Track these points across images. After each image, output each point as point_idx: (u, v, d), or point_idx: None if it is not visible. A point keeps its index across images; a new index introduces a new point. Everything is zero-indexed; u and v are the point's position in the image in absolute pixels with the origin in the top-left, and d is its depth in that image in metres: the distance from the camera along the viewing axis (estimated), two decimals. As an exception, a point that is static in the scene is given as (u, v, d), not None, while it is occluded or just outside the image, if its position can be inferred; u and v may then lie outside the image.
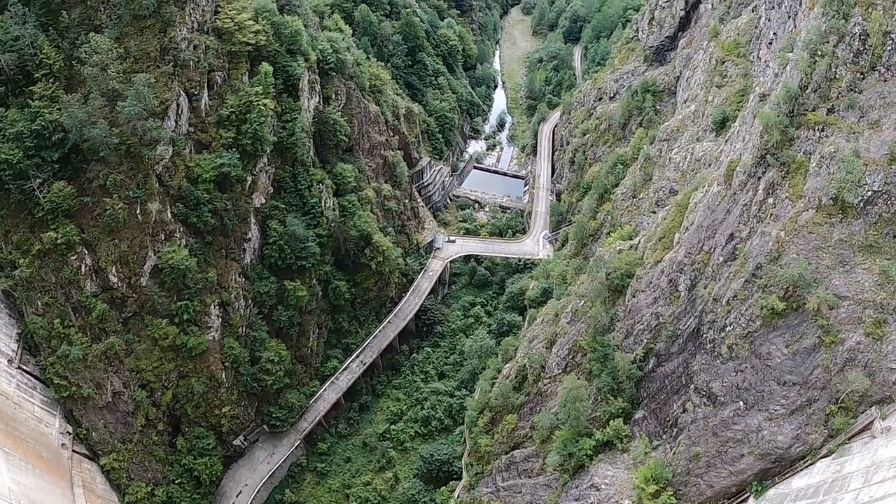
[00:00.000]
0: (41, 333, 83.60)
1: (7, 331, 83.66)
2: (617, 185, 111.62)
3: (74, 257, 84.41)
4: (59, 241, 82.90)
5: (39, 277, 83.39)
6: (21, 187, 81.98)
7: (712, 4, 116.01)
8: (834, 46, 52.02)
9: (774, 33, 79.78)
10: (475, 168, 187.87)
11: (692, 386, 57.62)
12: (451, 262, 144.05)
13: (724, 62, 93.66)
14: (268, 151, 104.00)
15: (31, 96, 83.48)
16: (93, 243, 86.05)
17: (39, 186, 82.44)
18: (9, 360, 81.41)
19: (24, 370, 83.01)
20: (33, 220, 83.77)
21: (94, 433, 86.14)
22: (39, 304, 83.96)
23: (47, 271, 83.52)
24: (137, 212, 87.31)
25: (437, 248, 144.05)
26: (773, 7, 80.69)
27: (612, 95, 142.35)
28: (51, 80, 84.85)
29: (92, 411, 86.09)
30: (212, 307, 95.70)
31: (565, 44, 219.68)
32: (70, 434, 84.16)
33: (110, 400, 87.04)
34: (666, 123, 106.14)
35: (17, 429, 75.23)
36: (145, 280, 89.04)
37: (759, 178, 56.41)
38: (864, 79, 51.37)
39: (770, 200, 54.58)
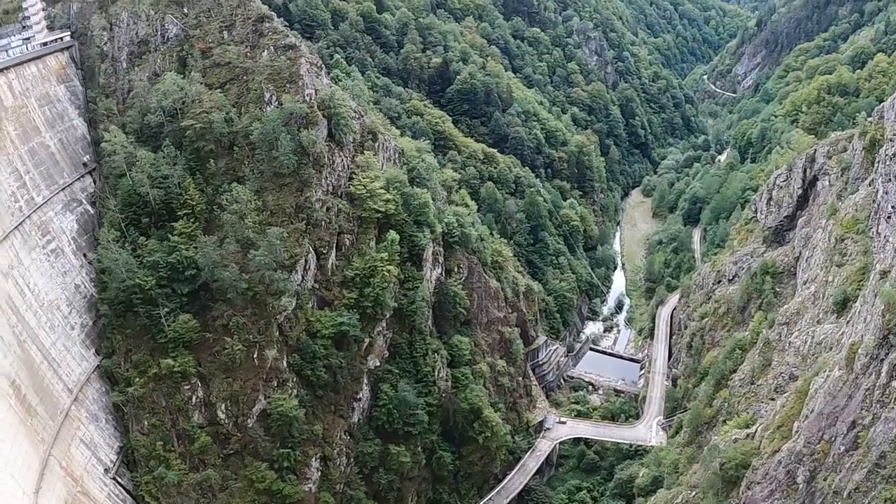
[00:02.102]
0: (142, 451, 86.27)
1: (110, 442, 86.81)
2: (735, 371, 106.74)
3: (188, 387, 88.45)
4: (175, 370, 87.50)
5: (151, 399, 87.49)
6: (150, 312, 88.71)
7: (829, 181, 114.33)
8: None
9: (893, 207, 77.56)
10: (591, 349, 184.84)
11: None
12: (559, 443, 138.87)
13: (843, 240, 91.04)
14: (387, 316, 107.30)
15: (172, 231, 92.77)
16: (207, 377, 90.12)
17: (166, 315, 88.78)
18: (105, 469, 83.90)
19: (118, 482, 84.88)
20: (155, 345, 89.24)
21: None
22: (146, 423, 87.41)
23: (159, 395, 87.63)
24: (255, 356, 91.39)
25: (547, 429, 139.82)
26: (891, 180, 79.02)
27: (730, 278, 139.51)
28: (191, 220, 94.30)
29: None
30: (313, 459, 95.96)
31: (685, 226, 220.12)
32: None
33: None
34: (786, 306, 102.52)
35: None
36: (252, 422, 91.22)
37: (882, 361, 53.26)
38: None
39: (894, 384, 51.26)
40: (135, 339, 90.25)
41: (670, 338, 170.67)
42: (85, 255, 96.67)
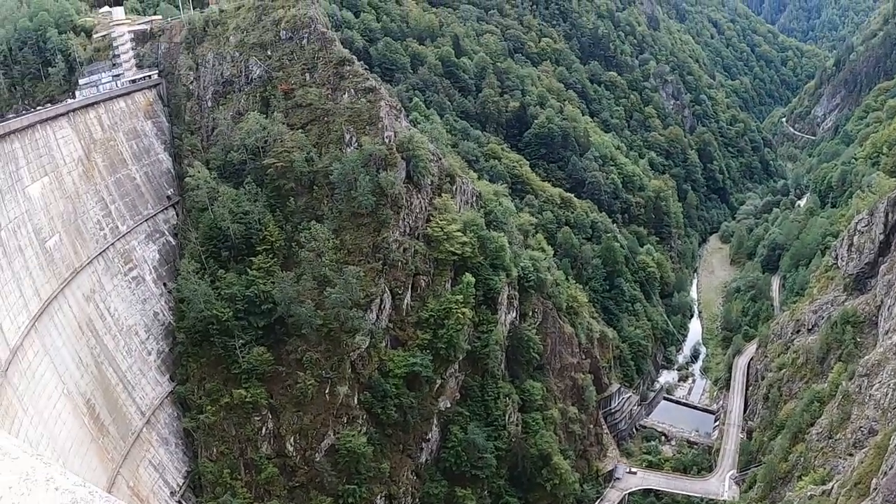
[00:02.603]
0: (209, 477, 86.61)
1: (178, 466, 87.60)
2: (812, 424, 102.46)
3: (258, 418, 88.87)
4: (247, 400, 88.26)
5: (221, 427, 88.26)
6: (225, 343, 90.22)
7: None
8: None
9: None
10: (665, 399, 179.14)
11: None
12: (629, 493, 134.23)
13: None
14: (460, 358, 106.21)
15: (251, 266, 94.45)
16: (278, 410, 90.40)
17: (241, 347, 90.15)
18: (171, 493, 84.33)
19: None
20: (228, 375, 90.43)
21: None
22: (215, 450, 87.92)
23: (230, 424, 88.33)
24: (326, 391, 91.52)
25: (617, 479, 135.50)
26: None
27: (810, 327, 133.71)
28: (270, 256, 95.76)
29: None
30: (378, 497, 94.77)
31: (763, 273, 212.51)
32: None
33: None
34: (866, 357, 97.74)
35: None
36: (319, 456, 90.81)
37: None
38: None
39: None
40: (209, 367, 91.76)
41: (746, 389, 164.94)
42: (165, 285, 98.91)
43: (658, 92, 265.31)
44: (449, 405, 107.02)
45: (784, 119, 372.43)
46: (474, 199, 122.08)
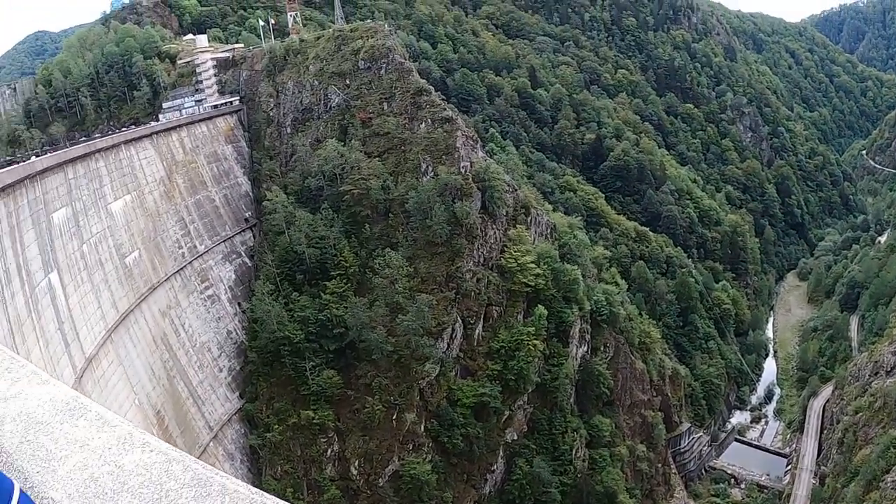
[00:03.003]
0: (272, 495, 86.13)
1: (242, 481, 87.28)
2: (888, 472, 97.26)
3: (324, 440, 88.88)
4: (314, 421, 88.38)
5: (287, 447, 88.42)
6: (296, 364, 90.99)
7: None
8: None
9: None
10: (736, 440, 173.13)
11: None
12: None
13: None
14: (529, 390, 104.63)
15: (324, 290, 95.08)
16: (344, 433, 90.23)
17: (311, 369, 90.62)
18: None
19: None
20: (297, 396, 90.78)
21: None
22: (279, 469, 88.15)
23: (296, 444, 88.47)
24: (393, 417, 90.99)
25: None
26: None
27: (889, 369, 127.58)
28: (344, 281, 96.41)
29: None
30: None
31: (842, 312, 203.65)
32: None
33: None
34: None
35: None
36: (383, 481, 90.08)
37: None
38: None
39: None
40: (279, 387, 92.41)
41: (821, 432, 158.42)
42: (239, 304, 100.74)
43: (735, 124, 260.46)
44: (516, 437, 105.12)
45: (864, 151, 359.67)
46: (549, 231, 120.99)
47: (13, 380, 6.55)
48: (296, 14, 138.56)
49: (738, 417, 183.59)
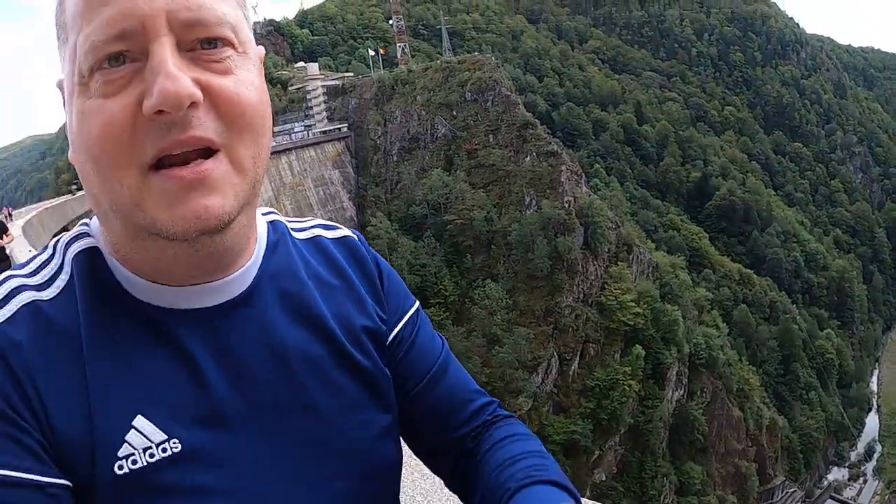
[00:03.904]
0: None
1: None
2: None
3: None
4: None
5: None
6: None
7: None
8: None
9: None
10: (832, 498, 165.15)
11: None
12: None
13: None
14: (621, 431, 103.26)
15: None
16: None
17: None
18: None
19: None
20: None
21: None
22: None
23: None
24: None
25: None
26: None
27: None
28: (443, 309, 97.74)
29: None
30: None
31: None
32: None
33: None
34: None
35: None
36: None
37: None
38: None
39: None
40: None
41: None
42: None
43: (845, 164, 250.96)
44: (604, 478, 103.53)
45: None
46: (650, 269, 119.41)
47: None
48: (404, 45, 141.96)
49: (836, 474, 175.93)
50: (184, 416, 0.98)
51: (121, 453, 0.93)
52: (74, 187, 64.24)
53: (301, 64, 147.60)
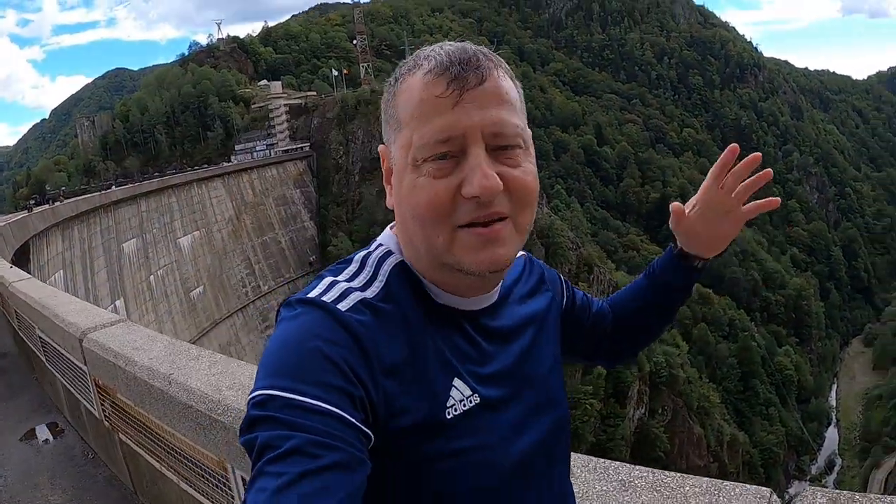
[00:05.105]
0: None
1: None
2: None
3: None
4: None
5: None
6: None
7: None
8: None
9: None
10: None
11: None
12: None
13: None
14: (584, 450, 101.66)
15: None
16: None
17: None
18: None
19: None
20: None
21: None
22: None
23: None
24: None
25: None
26: None
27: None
28: None
29: None
30: None
31: None
32: None
33: None
34: None
35: None
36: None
37: None
38: None
39: None
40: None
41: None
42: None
43: (801, 185, 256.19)
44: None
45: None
46: (611, 289, 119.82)
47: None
48: (368, 65, 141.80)
49: (797, 487, 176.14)
50: (477, 378, 1.46)
51: (448, 404, 1.38)
52: (33, 202, 63.09)
53: (264, 82, 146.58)
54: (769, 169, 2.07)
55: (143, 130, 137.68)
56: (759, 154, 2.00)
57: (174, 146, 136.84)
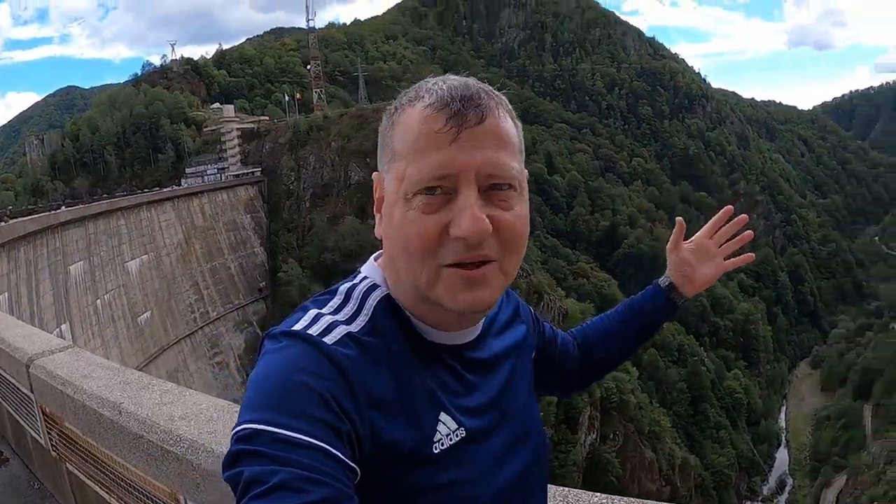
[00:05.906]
0: None
1: None
2: None
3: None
4: None
5: None
6: None
7: None
8: None
9: None
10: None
11: None
12: None
13: None
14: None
15: None
16: None
17: None
18: None
19: None
20: None
21: None
22: None
23: None
24: None
25: None
26: None
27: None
28: None
29: None
30: None
31: (855, 400, 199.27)
32: None
33: None
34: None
35: None
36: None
37: None
38: None
39: None
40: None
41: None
42: (247, 374, 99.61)
43: (749, 213, 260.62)
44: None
45: (877, 238, 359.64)
46: (560, 317, 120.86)
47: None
48: (321, 91, 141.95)
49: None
50: (463, 410, 1.46)
51: (435, 439, 1.37)
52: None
53: (217, 105, 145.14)
54: (750, 231, 2.43)
55: (93, 150, 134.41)
56: (745, 216, 2.28)
57: (124, 167, 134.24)
